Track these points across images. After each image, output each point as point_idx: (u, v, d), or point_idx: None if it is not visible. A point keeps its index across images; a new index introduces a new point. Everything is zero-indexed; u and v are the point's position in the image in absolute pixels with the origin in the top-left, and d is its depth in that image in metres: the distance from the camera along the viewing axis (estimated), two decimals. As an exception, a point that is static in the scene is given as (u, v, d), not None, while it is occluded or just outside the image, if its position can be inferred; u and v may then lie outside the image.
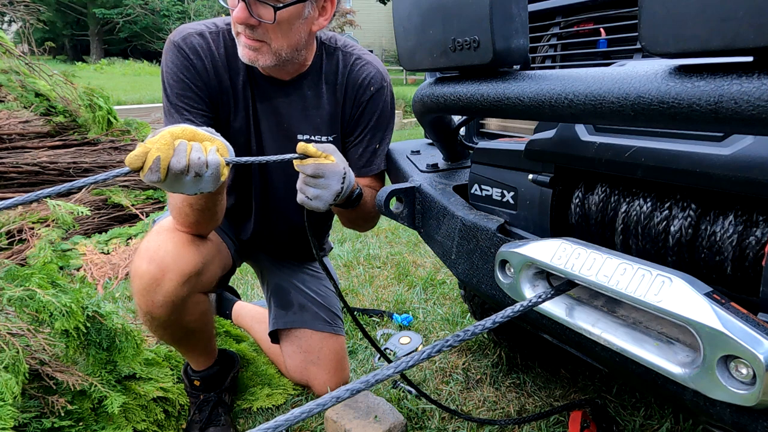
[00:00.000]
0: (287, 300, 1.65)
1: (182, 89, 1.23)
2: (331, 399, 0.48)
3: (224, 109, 1.30)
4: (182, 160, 0.91)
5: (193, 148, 0.93)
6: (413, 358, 0.54)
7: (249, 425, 1.50)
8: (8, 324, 1.27)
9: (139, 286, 1.22)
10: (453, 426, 1.47)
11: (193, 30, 1.26)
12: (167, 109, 1.24)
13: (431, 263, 2.75)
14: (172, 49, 1.23)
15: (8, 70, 3.28)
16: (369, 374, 0.51)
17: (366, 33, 30.47)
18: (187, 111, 1.23)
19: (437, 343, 0.56)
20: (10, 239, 2.33)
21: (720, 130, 0.61)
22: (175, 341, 1.41)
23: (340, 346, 1.65)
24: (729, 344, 0.52)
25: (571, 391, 1.62)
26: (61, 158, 2.92)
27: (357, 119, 1.39)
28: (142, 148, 0.88)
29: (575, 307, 0.73)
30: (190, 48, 1.23)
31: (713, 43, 0.49)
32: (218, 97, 1.29)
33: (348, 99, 1.37)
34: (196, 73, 1.24)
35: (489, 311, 1.71)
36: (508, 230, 0.95)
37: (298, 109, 1.36)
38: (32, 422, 1.19)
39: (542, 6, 1.19)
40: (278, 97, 1.34)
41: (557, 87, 0.67)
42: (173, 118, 1.22)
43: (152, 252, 1.21)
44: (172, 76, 1.23)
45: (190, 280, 1.24)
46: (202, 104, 1.26)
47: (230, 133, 1.33)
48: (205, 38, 1.25)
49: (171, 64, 1.23)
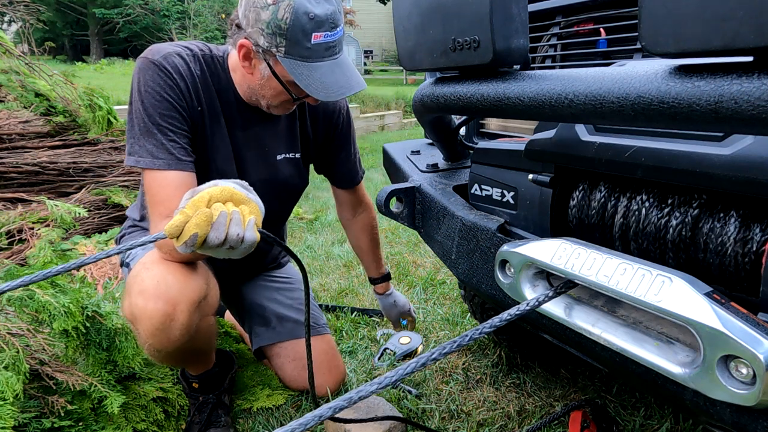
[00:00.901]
0: (264, 316, 1.64)
1: (166, 109, 1.20)
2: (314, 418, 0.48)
3: (201, 131, 1.30)
4: (220, 236, 0.91)
5: (233, 221, 0.92)
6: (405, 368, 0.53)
7: (249, 425, 1.50)
8: (8, 324, 1.27)
9: (150, 328, 1.14)
10: (453, 426, 1.47)
11: (172, 50, 1.24)
12: (146, 128, 1.19)
13: (431, 263, 2.75)
14: (152, 68, 1.20)
15: (8, 70, 3.28)
16: (352, 391, 0.51)
17: (366, 33, 30.47)
18: (172, 132, 1.20)
19: (434, 351, 0.55)
20: (10, 239, 2.33)
21: (720, 130, 0.61)
22: (180, 363, 1.41)
23: (327, 345, 1.65)
24: (729, 344, 0.52)
25: (571, 391, 1.62)
26: (61, 158, 2.92)
27: (337, 142, 1.54)
28: (182, 216, 0.89)
29: (575, 307, 0.73)
30: (173, 68, 1.21)
31: (713, 43, 0.49)
32: (197, 118, 1.28)
33: (321, 124, 1.50)
34: (180, 93, 1.22)
35: (489, 311, 1.71)
36: (508, 230, 0.95)
37: (275, 130, 1.42)
38: (32, 422, 1.19)
39: (542, 6, 1.19)
40: (261, 122, 1.38)
41: (557, 87, 0.67)
42: (155, 138, 1.19)
43: (154, 289, 1.13)
44: (153, 95, 1.19)
45: (201, 305, 1.20)
46: (185, 125, 1.24)
47: (209, 156, 1.32)
48: (184, 60, 1.24)
49: (152, 82, 1.19)
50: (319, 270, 2.71)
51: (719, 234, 0.65)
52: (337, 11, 1.17)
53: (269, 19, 1.12)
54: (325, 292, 2.44)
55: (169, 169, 1.19)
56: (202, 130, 1.30)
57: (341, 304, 2.25)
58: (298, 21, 1.11)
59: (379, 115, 9.70)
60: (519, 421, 1.48)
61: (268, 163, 1.42)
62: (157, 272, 1.15)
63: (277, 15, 1.11)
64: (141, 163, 1.19)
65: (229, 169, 1.36)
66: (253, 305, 1.66)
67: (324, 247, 3.08)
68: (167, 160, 1.19)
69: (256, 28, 1.14)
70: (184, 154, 1.22)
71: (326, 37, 1.15)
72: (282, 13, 1.11)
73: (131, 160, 1.21)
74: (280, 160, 1.44)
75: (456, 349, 0.56)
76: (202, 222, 0.89)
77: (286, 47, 1.14)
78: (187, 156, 1.23)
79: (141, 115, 1.20)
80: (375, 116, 9.60)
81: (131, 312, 1.15)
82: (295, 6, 1.10)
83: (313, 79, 1.16)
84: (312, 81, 1.16)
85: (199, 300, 1.19)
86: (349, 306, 2.22)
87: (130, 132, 1.22)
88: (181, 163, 1.21)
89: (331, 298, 2.36)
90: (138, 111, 1.20)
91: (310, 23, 1.12)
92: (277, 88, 1.24)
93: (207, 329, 1.31)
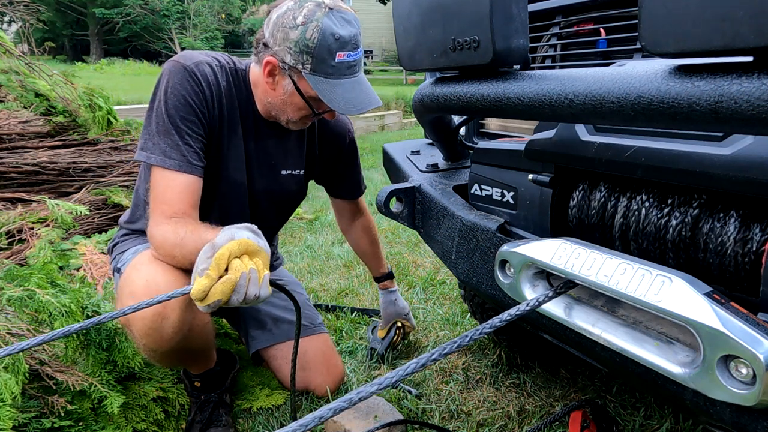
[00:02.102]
0: (259, 319, 1.65)
1: (188, 113, 1.24)
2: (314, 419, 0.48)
3: (217, 139, 1.34)
4: (240, 298, 0.99)
5: (251, 281, 1.00)
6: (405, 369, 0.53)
7: (249, 425, 1.50)
8: (8, 324, 1.27)
9: (143, 328, 1.17)
10: (453, 426, 1.47)
11: (203, 59, 1.30)
12: (165, 127, 1.23)
13: (431, 263, 2.75)
14: (183, 72, 1.24)
15: (8, 70, 3.27)
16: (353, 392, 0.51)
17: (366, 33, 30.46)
18: (188, 135, 1.24)
19: (434, 351, 0.55)
20: (9, 239, 2.33)
21: (720, 130, 0.61)
22: (177, 363, 1.41)
23: (324, 344, 1.65)
24: (729, 344, 0.52)
25: (571, 391, 1.62)
26: (60, 158, 2.92)
27: (345, 161, 1.62)
28: (207, 281, 0.96)
29: (575, 307, 0.73)
30: (202, 76, 1.27)
31: (713, 43, 0.49)
32: (215, 127, 1.32)
33: (327, 145, 1.57)
34: (204, 101, 1.27)
35: (489, 311, 1.71)
36: (508, 230, 0.95)
37: (283, 146, 1.47)
38: (32, 422, 1.19)
39: (542, 6, 1.19)
40: (272, 137, 1.43)
41: (557, 87, 0.67)
42: (171, 138, 1.22)
43: (143, 289, 1.16)
44: (179, 98, 1.23)
45: (191, 303, 1.19)
46: (202, 131, 1.28)
47: (222, 163, 1.37)
48: (213, 70, 1.30)
49: (179, 86, 1.23)
50: (319, 270, 2.71)
51: (719, 234, 0.65)
52: (358, 33, 1.25)
53: (297, 38, 1.19)
54: (325, 292, 2.44)
55: (180, 171, 1.22)
56: (218, 138, 1.34)
57: (341, 304, 2.25)
58: (325, 41, 1.19)
59: (379, 115, 9.70)
60: (519, 421, 1.48)
61: (273, 176, 1.47)
62: (146, 273, 1.19)
63: (305, 35, 1.19)
64: (152, 159, 1.22)
65: (239, 178, 1.40)
66: (248, 309, 1.66)
67: (324, 247, 3.08)
68: (179, 161, 1.22)
69: (283, 47, 1.21)
70: (197, 159, 1.26)
71: (349, 56, 1.23)
72: (310, 33, 1.18)
73: (142, 155, 1.23)
74: (284, 175, 1.49)
75: (456, 350, 0.56)
76: (227, 289, 0.97)
77: (312, 64, 1.21)
78: (198, 161, 1.26)
79: (162, 114, 1.23)
80: (375, 116, 9.60)
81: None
82: (322, 27, 1.18)
83: (336, 94, 1.23)
84: (335, 96, 1.23)
85: (190, 298, 1.20)
86: (349, 306, 2.22)
87: (147, 129, 1.25)
88: (192, 167, 1.24)
89: (331, 298, 2.36)
90: (159, 110, 1.24)
91: (336, 43, 1.20)
92: (299, 103, 1.29)
93: (202, 328, 1.32)
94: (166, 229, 1.19)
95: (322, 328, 1.69)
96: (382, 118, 9.62)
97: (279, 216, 1.62)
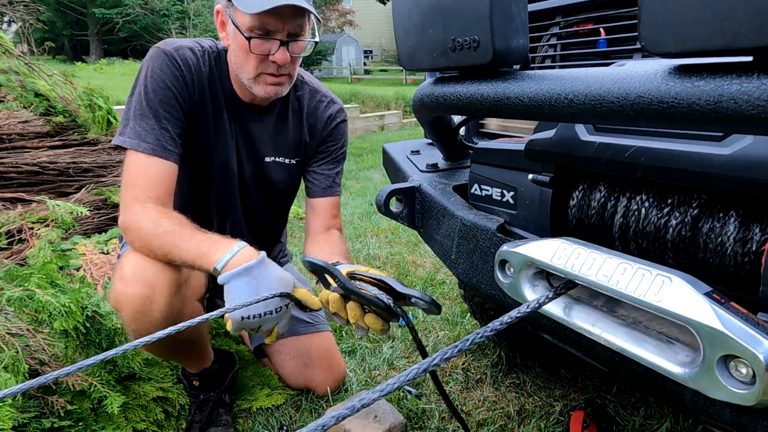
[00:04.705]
0: None
1: (167, 97, 1.24)
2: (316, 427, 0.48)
3: (200, 124, 1.33)
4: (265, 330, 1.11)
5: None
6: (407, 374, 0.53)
7: (249, 425, 1.50)
8: (8, 324, 1.27)
9: (130, 312, 1.17)
10: (453, 426, 1.47)
11: (185, 45, 1.30)
12: (142, 111, 1.22)
13: (431, 263, 2.75)
14: (163, 57, 1.25)
15: (8, 70, 3.27)
16: (355, 398, 0.51)
17: (366, 33, 30.47)
18: (166, 120, 1.24)
19: (436, 356, 0.55)
20: (9, 239, 2.33)
21: (720, 130, 0.61)
22: (171, 355, 1.41)
23: (327, 342, 1.65)
24: (729, 344, 0.52)
25: (571, 391, 1.62)
26: (60, 158, 2.92)
27: (324, 148, 1.52)
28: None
29: (575, 307, 0.73)
30: (182, 60, 1.26)
31: (713, 42, 0.49)
32: (197, 112, 1.32)
33: (316, 131, 1.50)
34: (184, 85, 1.27)
35: (489, 311, 1.71)
36: (508, 230, 0.95)
37: (269, 132, 1.44)
38: (32, 422, 1.19)
39: (542, 6, 1.19)
40: (253, 121, 1.41)
41: (557, 87, 0.67)
42: (147, 122, 1.22)
43: (132, 274, 1.16)
44: (158, 82, 1.23)
45: (181, 288, 1.22)
46: (181, 115, 1.28)
47: (211, 146, 1.36)
48: (195, 54, 1.29)
49: (159, 70, 1.24)
50: (319, 270, 2.71)
51: (719, 234, 0.65)
52: None
53: None
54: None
55: (153, 155, 1.21)
56: (204, 122, 1.33)
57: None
58: None
59: (379, 115, 9.70)
60: (519, 421, 1.48)
61: (258, 163, 1.46)
62: (134, 258, 1.19)
63: None
64: (126, 143, 1.22)
65: (230, 162, 1.40)
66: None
67: (324, 247, 3.08)
68: (153, 145, 1.22)
69: None
70: (172, 144, 1.25)
71: None
72: None
73: (118, 140, 1.24)
74: (268, 162, 1.47)
75: (457, 354, 0.56)
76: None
77: None
78: (173, 147, 1.25)
79: (140, 99, 1.23)
80: (375, 116, 9.60)
81: (115, 299, 1.19)
82: None
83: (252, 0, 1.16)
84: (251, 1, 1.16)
85: (179, 282, 1.21)
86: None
87: (126, 114, 1.26)
88: (166, 152, 1.23)
89: (330, 298, 2.36)
90: (139, 95, 1.24)
91: None
92: (243, 44, 1.22)
93: (192, 317, 1.30)
94: (140, 217, 1.16)
95: (325, 326, 1.69)
96: (382, 118, 9.62)
97: (270, 209, 1.57)
